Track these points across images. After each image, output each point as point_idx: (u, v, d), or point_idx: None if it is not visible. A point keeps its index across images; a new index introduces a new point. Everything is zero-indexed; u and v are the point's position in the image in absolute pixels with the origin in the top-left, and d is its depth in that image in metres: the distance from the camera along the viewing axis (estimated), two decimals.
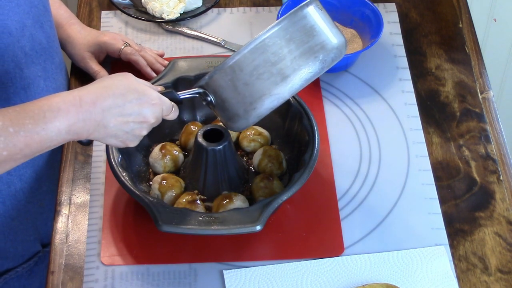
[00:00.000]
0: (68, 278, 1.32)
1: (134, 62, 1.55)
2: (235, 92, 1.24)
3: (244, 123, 1.27)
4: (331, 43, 1.25)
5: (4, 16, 1.27)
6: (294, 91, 1.25)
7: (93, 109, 1.16)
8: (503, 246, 1.36)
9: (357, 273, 1.32)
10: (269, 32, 1.23)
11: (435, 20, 1.70)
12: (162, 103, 1.23)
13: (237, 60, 1.23)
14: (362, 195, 1.42)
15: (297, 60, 1.23)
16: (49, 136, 1.13)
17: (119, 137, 1.21)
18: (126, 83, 1.20)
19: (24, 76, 1.37)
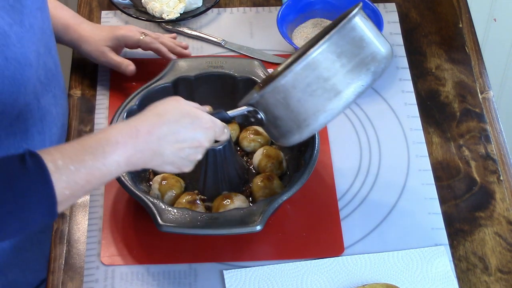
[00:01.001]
0: (68, 278, 1.32)
1: (155, 50, 1.54)
2: (287, 109, 1.22)
3: (297, 139, 1.25)
4: (381, 53, 1.23)
5: (25, 48, 1.25)
6: (347, 105, 1.22)
7: (149, 138, 1.15)
8: (503, 246, 1.36)
9: (357, 273, 1.32)
10: (320, 47, 1.20)
11: (435, 20, 1.70)
12: (214, 126, 1.22)
13: (289, 78, 1.21)
14: (362, 195, 1.42)
15: (350, 74, 1.21)
16: (109, 170, 1.12)
17: (175, 164, 1.19)
18: (179, 108, 1.19)
19: (40, 107, 1.35)
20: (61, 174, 1.08)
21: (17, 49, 1.22)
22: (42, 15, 1.33)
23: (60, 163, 1.08)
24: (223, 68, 1.46)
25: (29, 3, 1.27)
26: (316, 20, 1.65)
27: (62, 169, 1.08)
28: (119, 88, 1.57)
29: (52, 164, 1.07)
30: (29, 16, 1.27)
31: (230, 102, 1.48)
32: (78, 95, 1.57)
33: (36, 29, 1.30)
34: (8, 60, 1.20)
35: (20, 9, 1.25)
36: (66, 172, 1.08)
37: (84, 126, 1.52)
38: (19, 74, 1.23)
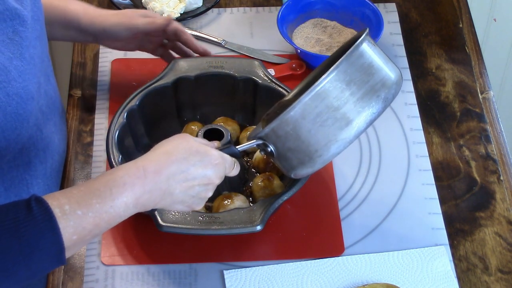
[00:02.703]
0: (68, 278, 1.32)
1: (184, 41, 1.51)
2: (298, 141, 1.20)
3: (310, 171, 1.23)
4: (391, 79, 1.21)
5: (26, 81, 1.22)
6: (359, 134, 1.21)
7: (158, 178, 1.13)
8: (503, 246, 1.36)
9: (357, 273, 1.32)
10: (328, 76, 1.18)
11: (435, 20, 1.70)
12: (224, 162, 1.20)
13: (299, 109, 1.19)
14: (362, 195, 1.42)
15: (360, 102, 1.19)
16: (117, 213, 1.10)
17: (185, 202, 1.18)
18: (187, 145, 1.17)
19: (43, 137, 1.33)
20: (69, 219, 1.06)
21: (18, 84, 1.20)
22: (41, 43, 1.31)
23: (67, 208, 1.06)
24: (223, 68, 1.46)
25: (28, 35, 1.24)
26: (316, 20, 1.65)
27: (69, 214, 1.06)
28: (119, 88, 1.57)
29: (59, 210, 1.05)
30: (29, 47, 1.24)
31: (230, 102, 1.49)
32: (78, 95, 1.57)
33: (36, 59, 1.27)
34: (10, 96, 1.18)
35: (19, 41, 1.22)
36: (73, 217, 1.06)
37: (84, 126, 1.52)
38: (22, 109, 1.21)
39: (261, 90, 1.45)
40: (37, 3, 1.30)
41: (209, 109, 1.49)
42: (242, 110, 1.49)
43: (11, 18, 1.21)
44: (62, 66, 2.15)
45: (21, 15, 1.23)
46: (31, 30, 1.26)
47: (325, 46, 1.61)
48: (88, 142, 1.49)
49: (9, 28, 1.21)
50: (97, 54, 1.63)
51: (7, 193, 1.27)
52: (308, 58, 1.59)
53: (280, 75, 1.57)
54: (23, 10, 1.23)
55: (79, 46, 1.65)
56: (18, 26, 1.22)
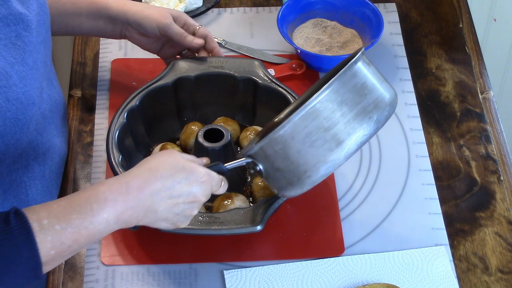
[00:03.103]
0: (68, 278, 1.32)
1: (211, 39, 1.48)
2: (287, 161, 1.18)
3: (298, 191, 1.21)
4: (384, 100, 1.19)
5: (28, 87, 1.21)
6: (350, 156, 1.19)
7: (142, 195, 1.11)
8: (503, 246, 1.36)
9: (358, 273, 1.32)
10: (319, 96, 1.16)
11: (435, 20, 1.70)
12: (211, 179, 1.18)
13: (288, 128, 1.16)
14: (362, 195, 1.42)
15: (351, 123, 1.16)
16: (98, 229, 1.08)
17: (169, 220, 1.16)
18: (173, 162, 1.15)
19: (43, 141, 1.32)
20: (46, 234, 1.04)
21: (19, 89, 1.19)
22: (45, 47, 1.30)
23: (46, 222, 1.05)
24: (223, 68, 1.46)
25: (32, 39, 1.24)
26: (316, 20, 1.65)
27: (47, 228, 1.04)
28: (119, 88, 1.57)
29: (37, 224, 1.04)
30: (32, 52, 1.24)
31: (230, 102, 1.49)
32: (78, 95, 1.57)
33: (39, 64, 1.26)
34: (10, 101, 1.17)
35: (22, 46, 1.21)
36: (51, 231, 1.05)
37: (84, 126, 1.52)
38: (22, 114, 1.20)
39: (261, 90, 1.45)
40: (43, 8, 1.30)
41: (209, 109, 1.49)
42: (242, 110, 1.49)
43: (14, 23, 1.20)
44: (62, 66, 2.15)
45: (25, 20, 1.22)
46: (35, 34, 1.25)
47: (325, 46, 1.61)
48: (88, 142, 1.49)
49: (12, 33, 1.20)
50: (97, 54, 1.63)
51: (6, 195, 1.27)
52: (308, 58, 1.59)
53: (280, 75, 1.57)
54: (28, 14, 1.23)
55: (79, 46, 1.65)
56: (22, 31, 1.22)
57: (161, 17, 1.44)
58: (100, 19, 1.45)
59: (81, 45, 1.65)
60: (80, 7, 1.44)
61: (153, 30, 1.44)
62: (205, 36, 1.47)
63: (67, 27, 1.46)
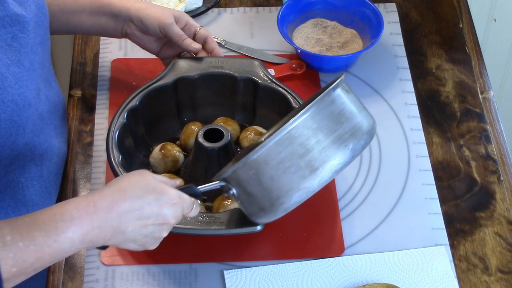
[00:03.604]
0: (68, 278, 1.32)
1: (211, 39, 1.48)
2: (260, 186, 1.16)
3: (271, 218, 1.19)
4: (361, 129, 1.17)
5: (23, 88, 1.21)
6: (323, 184, 1.16)
7: (109, 215, 1.09)
8: (503, 246, 1.36)
9: (358, 273, 1.32)
10: (295, 122, 1.14)
11: (435, 20, 1.70)
12: (182, 202, 1.16)
13: (262, 153, 1.15)
14: (362, 195, 1.42)
15: (326, 151, 1.14)
16: (62, 248, 1.07)
17: (137, 241, 1.14)
18: (143, 183, 1.13)
19: (41, 142, 1.32)
20: (8, 251, 1.03)
21: (14, 91, 1.18)
22: (43, 49, 1.30)
23: (9, 239, 1.03)
24: (223, 68, 1.46)
25: (29, 41, 1.23)
26: (316, 20, 1.65)
27: (9, 245, 1.03)
28: (119, 88, 1.57)
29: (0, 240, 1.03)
30: (29, 54, 1.23)
31: (230, 102, 1.49)
32: (78, 95, 1.57)
33: (36, 65, 1.26)
34: (5, 103, 1.17)
35: (18, 48, 1.21)
36: (14, 248, 1.03)
37: (84, 126, 1.52)
38: (17, 116, 1.19)
39: (261, 90, 1.45)
40: (42, 9, 1.30)
41: (209, 109, 1.49)
42: (242, 110, 1.49)
43: (10, 24, 1.20)
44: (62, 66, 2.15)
45: (22, 21, 1.21)
46: (33, 36, 1.25)
47: (325, 46, 1.61)
48: (88, 142, 1.49)
49: (8, 34, 1.20)
50: (97, 54, 1.63)
51: (2, 196, 1.27)
52: (308, 58, 1.59)
53: (280, 75, 1.57)
54: (26, 15, 1.22)
55: (79, 46, 1.65)
56: (18, 33, 1.21)
57: (163, 17, 1.44)
58: (102, 16, 1.45)
59: (81, 45, 1.65)
60: (82, 4, 1.44)
61: (155, 28, 1.44)
62: (205, 37, 1.47)
63: (68, 25, 1.46)
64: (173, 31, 1.44)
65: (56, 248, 1.06)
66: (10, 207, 1.29)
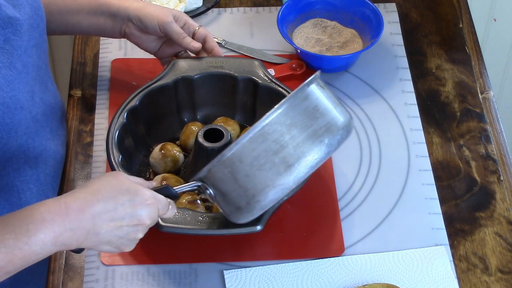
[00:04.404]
0: (68, 278, 1.32)
1: (210, 39, 1.48)
2: (235, 184, 1.15)
3: (248, 217, 1.19)
4: (336, 124, 1.17)
5: (15, 91, 1.20)
6: (299, 180, 1.16)
7: (82, 217, 1.08)
8: (503, 246, 1.36)
9: (358, 273, 1.32)
10: (268, 118, 1.14)
11: (435, 20, 1.70)
12: (157, 202, 1.15)
13: (236, 151, 1.14)
14: (362, 195, 1.42)
15: (301, 147, 1.14)
16: (33, 251, 1.06)
17: (112, 243, 1.13)
18: (117, 184, 1.12)
19: (35, 145, 1.31)
20: None
21: (5, 94, 1.18)
22: (38, 51, 1.29)
23: None
24: (223, 68, 1.46)
25: (23, 43, 1.23)
26: (316, 20, 1.65)
27: None
28: (119, 88, 1.57)
29: None
30: (22, 56, 1.22)
31: (230, 102, 1.49)
32: (78, 95, 1.57)
33: (30, 68, 1.25)
34: None
35: (10, 51, 1.20)
36: None
37: (84, 126, 1.52)
38: (9, 118, 1.19)
39: (261, 90, 1.45)
40: (38, 11, 1.29)
41: (209, 109, 1.49)
42: (242, 110, 1.49)
43: (3, 27, 1.19)
44: (62, 66, 2.15)
45: (14, 24, 1.21)
46: (27, 38, 1.24)
47: (325, 46, 1.61)
48: (88, 142, 1.49)
49: (0, 37, 1.19)
50: (97, 54, 1.63)
51: None
52: (308, 58, 1.59)
53: (280, 75, 1.57)
54: (20, 18, 1.21)
55: (79, 46, 1.65)
56: (10, 35, 1.20)
57: (162, 15, 1.43)
58: (101, 15, 1.45)
59: (81, 45, 1.65)
60: (81, 3, 1.44)
61: (154, 27, 1.44)
62: (204, 36, 1.47)
63: (67, 25, 1.46)
64: (173, 29, 1.44)
65: (27, 250, 1.05)
66: (5, 210, 1.29)
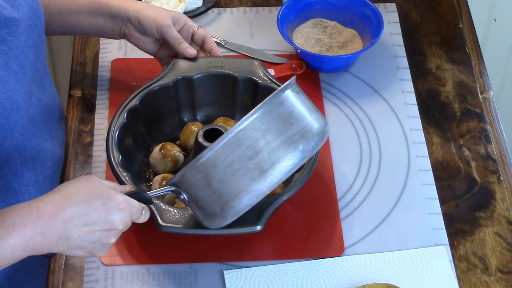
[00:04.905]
0: (68, 278, 1.32)
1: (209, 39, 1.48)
2: (209, 190, 1.15)
3: (222, 222, 1.19)
4: (311, 130, 1.16)
5: (11, 91, 1.20)
6: (274, 186, 1.16)
7: (53, 221, 1.08)
8: (503, 246, 1.36)
9: (357, 273, 1.32)
10: (243, 124, 1.13)
11: (435, 20, 1.70)
12: (130, 207, 1.15)
13: (210, 156, 1.14)
14: (362, 195, 1.42)
15: (275, 153, 1.14)
16: (3, 255, 1.05)
17: (84, 248, 1.12)
18: (89, 188, 1.11)
19: (32, 146, 1.31)
20: None
21: (1, 94, 1.17)
22: (35, 52, 1.29)
23: None
24: (223, 68, 1.46)
25: (19, 44, 1.22)
26: (316, 20, 1.65)
27: None
28: (119, 88, 1.57)
29: None
30: (19, 57, 1.22)
31: (230, 102, 1.48)
32: (78, 95, 1.57)
33: (27, 68, 1.25)
34: None
35: (6, 51, 1.20)
36: None
37: (84, 126, 1.52)
38: (4, 119, 1.19)
39: (261, 90, 1.45)
40: (36, 12, 1.29)
41: (209, 109, 1.49)
42: (242, 110, 1.49)
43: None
44: (62, 66, 2.15)
45: (11, 24, 1.20)
46: (25, 39, 1.24)
47: (325, 46, 1.61)
48: (88, 142, 1.49)
49: None
50: (97, 54, 1.63)
51: None
52: (308, 58, 1.59)
53: (280, 75, 1.57)
54: (17, 18, 1.21)
55: (79, 46, 1.65)
56: (6, 36, 1.20)
57: (161, 18, 1.44)
58: (101, 16, 1.45)
59: (81, 45, 1.65)
60: (81, 4, 1.44)
61: (152, 30, 1.44)
62: (203, 37, 1.47)
63: (66, 26, 1.46)
64: (170, 34, 1.44)
65: None
66: None
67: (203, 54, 1.49)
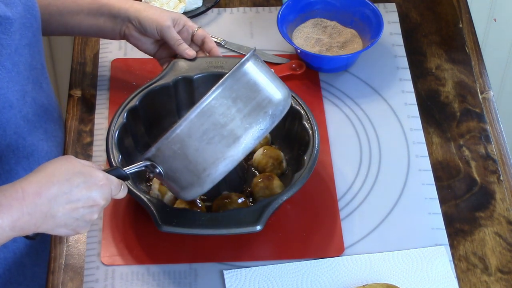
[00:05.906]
0: (68, 278, 1.32)
1: (206, 45, 1.48)
2: (186, 160, 1.19)
3: (199, 191, 1.22)
4: (278, 95, 1.22)
5: (4, 89, 1.21)
6: (247, 151, 1.21)
7: (38, 200, 1.09)
8: (503, 246, 1.36)
9: (357, 273, 1.32)
10: (214, 93, 1.18)
11: (435, 20, 1.70)
12: (110, 183, 1.17)
13: (184, 127, 1.18)
14: (362, 195, 1.42)
15: (247, 118, 1.19)
16: None
17: (69, 226, 1.14)
18: (70, 167, 1.13)
19: (26, 145, 1.31)
20: None
21: None
22: (31, 50, 1.29)
23: None
24: (223, 68, 1.46)
25: (13, 42, 1.22)
26: (316, 20, 1.65)
27: None
28: (119, 88, 1.57)
29: None
30: (12, 55, 1.22)
31: None
32: (78, 95, 1.57)
33: (21, 67, 1.25)
34: None
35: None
36: None
37: (84, 126, 1.52)
38: None
39: None
40: (32, 10, 1.29)
41: None
42: None
43: None
44: (62, 66, 2.15)
45: (3, 23, 1.20)
46: (18, 37, 1.24)
47: (325, 46, 1.61)
48: (88, 142, 1.49)
49: None
50: (97, 54, 1.63)
51: None
52: (308, 58, 1.59)
53: (280, 75, 1.57)
54: (10, 16, 1.21)
55: (79, 46, 1.65)
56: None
57: (161, 19, 1.44)
58: (101, 16, 1.45)
59: (81, 45, 1.65)
60: (81, 4, 1.44)
61: (152, 31, 1.44)
62: (203, 37, 1.47)
63: (67, 26, 1.46)
64: (170, 35, 1.44)
65: None
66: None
67: (202, 54, 1.49)
